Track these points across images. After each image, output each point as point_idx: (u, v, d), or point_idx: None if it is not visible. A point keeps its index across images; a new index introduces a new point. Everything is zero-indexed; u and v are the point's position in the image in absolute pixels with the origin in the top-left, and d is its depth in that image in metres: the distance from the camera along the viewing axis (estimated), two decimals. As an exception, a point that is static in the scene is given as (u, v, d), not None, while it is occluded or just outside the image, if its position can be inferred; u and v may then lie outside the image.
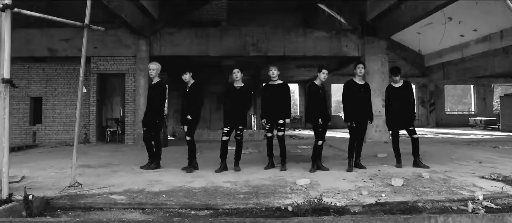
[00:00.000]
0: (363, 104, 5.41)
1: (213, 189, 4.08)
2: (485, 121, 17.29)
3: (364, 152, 6.28)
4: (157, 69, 5.57)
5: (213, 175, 4.92)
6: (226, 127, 5.28)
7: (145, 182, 4.38)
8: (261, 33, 10.08)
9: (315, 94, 5.31)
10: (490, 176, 4.58)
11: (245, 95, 5.36)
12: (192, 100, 5.29)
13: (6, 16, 3.17)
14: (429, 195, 3.66)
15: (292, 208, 3.21)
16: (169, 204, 3.42)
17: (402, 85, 5.63)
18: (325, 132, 5.32)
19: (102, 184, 4.26)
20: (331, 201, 3.38)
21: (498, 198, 3.51)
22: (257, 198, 3.66)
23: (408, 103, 5.58)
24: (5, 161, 3.12)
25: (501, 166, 5.48)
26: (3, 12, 3.13)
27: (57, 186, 4.11)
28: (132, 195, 3.72)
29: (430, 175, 4.69)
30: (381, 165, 5.69)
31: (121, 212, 3.23)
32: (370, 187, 4.09)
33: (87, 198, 3.56)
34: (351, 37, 10.05)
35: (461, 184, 4.20)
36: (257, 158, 6.64)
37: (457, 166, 5.56)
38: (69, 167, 5.66)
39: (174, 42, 9.85)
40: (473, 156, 6.73)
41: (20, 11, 3.29)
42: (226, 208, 3.33)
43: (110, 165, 5.83)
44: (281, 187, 4.15)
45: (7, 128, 3.20)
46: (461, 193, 3.75)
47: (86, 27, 4.03)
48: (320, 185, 4.23)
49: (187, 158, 5.33)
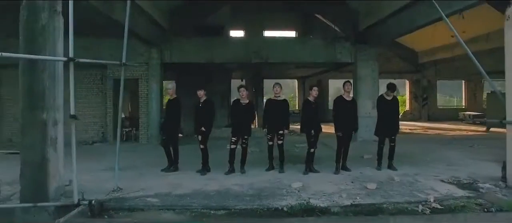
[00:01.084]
0: (349, 118, 6.42)
1: (225, 191, 5.14)
2: (474, 115, 18.33)
3: (353, 152, 7.31)
4: (173, 88, 6.58)
5: (223, 178, 5.97)
6: (234, 137, 6.31)
7: (170, 186, 5.43)
8: (262, 42, 11.04)
9: (308, 109, 6.34)
10: (448, 179, 5.63)
11: (250, 111, 6.38)
12: (206, 114, 6.31)
13: (71, 65, 4.15)
14: (394, 198, 4.71)
15: (287, 209, 4.27)
16: (193, 205, 4.48)
17: (392, 99, 6.65)
18: (316, 140, 6.36)
19: (136, 187, 5.30)
20: (317, 203, 4.44)
21: (445, 200, 4.56)
22: (260, 199, 4.72)
23: (395, 117, 6.64)
24: (74, 173, 4.16)
25: (464, 168, 6.53)
26: (70, 62, 4.11)
27: (101, 189, 5.14)
28: (162, 198, 4.77)
29: (400, 179, 5.74)
30: (364, 167, 6.73)
31: (158, 213, 4.29)
32: (349, 189, 5.15)
33: (129, 201, 4.62)
34: (345, 44, 10.96)
35: (423, 187, 5.25)
36: (258, 158, 7.58)
37: (427, 168, 6.62)
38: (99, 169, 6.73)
39: (183, 50, 10.78)
40: (446, 157, 7.78)
41: (79, 60, 4.27)
42: (237, 209, 4.39)
43: (135, 168, 6.86)
44: (278, 189, 5.20)
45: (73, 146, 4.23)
46: (419, 195, 4.80)
47: (123, 65, 5.00)
48: (311, 188, 5.28)
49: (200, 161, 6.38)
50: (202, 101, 6.42)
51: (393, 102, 6.69)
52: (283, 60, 10.97)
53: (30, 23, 4.37)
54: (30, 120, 4.38)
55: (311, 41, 11.01)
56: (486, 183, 5.28)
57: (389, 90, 6.61)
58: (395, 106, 6.77)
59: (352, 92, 6.86)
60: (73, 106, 4.26)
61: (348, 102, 6.47)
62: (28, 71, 4.36)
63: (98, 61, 4.86)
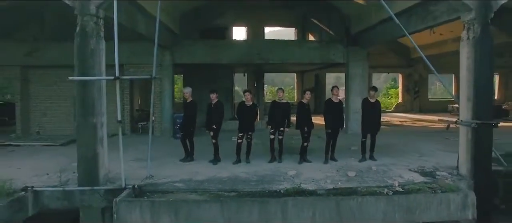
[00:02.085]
0: (337, 117, 7.67)
1: (235, 177, 6.43)
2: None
3: (342, 143, 8.61)
4: (189, 92, 7.81)
5: (232, 167, 7.26)
6: (240, 133, 7.58)
7: (190, 173, 6.71)
8: (264, 44, 12.18)
9: (302, 110, 7.59)
10: (415, 169, 6.91)
11: (253, 111, 7.63)
12: (217, 114, 7.56)
13: (117, 82, 5.39)
14: (367, 183, 6.01)
15: (283, 191, 5.57)
16: (211, 188, 5.78)
17: (375, 101, 7.87)
18: (309, 136, 7.63)
19: (162, 175, 6.59)
20: (307, 187, 5.73)
21: (406, 185, 5.85)
22: (263, 184, 6.02)
23: (377, 117, 7.86)
24: (122, 164, 5.44)
25: (432, 159, 7.81)
26: (116, 80, 5.34)
27: (134, 176, 6.39)
28: (186, 183, 6.07)
29: (377, 168, 7.03)
30: (349, 158, 8.00)
31: (185, 194, 5.58)
32: (334, 176, 6.44)
33: (161, 186, 5.91)
34: (338, 46, 12.11)
35: (393, 174, 6.54)
36: (260, 150, 8.85)
37: (402, 159, 7.89)
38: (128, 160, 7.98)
39: (192, 52, 11.94)
40: (421, 149, 9.05)
41: (121, 77, 5.49)
42: (245, 191, 5.69)
43: (157, 158, 8.09)
44: (277, 176, 6.49)
45: (121, 144, 5.50)
46: (388, 181, 6.09)
47: (154, 79, 6.22)
48: (303, 175, 6.57)
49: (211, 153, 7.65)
50: (214, 103, 7.67)
51: (376, 104, 7.91)
52: (282, 61, 12.14)
53: (82, 48, 5.58)
54: (83, 123, 5.64)
55: (307, 43, 12.18)
56: (443, 171, 6.57)
57: (371, 91, 7.84)
58: (377, 107, 7.97)
59: (343, 94, 8.10)
60: (119, 113, 5.50)
61: (336, 104, 7.71)
62: (82, 86, 5.59)
63: (135, 77, 6.02)
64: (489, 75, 6.09)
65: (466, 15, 6.07)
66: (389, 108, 22.58)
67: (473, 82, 6.00)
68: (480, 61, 5.95)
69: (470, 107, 6.07)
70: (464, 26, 6.22)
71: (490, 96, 6.28)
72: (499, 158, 6.83)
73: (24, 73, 12.12)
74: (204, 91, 12.55)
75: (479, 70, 5.96)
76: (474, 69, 5.97)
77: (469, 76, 6.05)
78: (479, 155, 5.94)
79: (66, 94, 12.52)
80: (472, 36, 5.99)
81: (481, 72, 5.95)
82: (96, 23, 5.66)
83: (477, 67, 5.95)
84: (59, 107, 12.49)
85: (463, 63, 6.25)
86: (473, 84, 6.00)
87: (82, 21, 5.58)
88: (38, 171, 6.91)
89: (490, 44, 5.98)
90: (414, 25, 8.23)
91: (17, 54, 11.64)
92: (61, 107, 12.36)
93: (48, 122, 12.44)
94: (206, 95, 7.82)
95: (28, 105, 12.37)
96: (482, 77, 5.96)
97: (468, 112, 6.12)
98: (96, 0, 5.56)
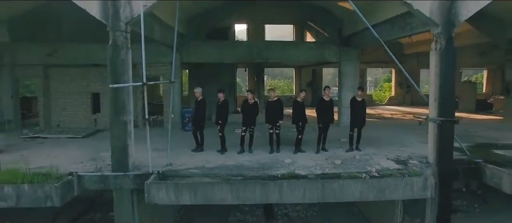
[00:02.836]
0: (327, 113, 8.88)
1: (240, 165, 7.68)
2: (450, 101, 20.74)
3: (334, 136, 9.84)
4: (199, 91, 9.00)
5: (237, 156, 8.49)
6: (244, 127, 8.80)
7: (202, 161, 7.96)
8: (264, 45, 13.31)
9: (297, 107, 8.81)
10: (392, 158, 8.16)
11: (255, 108, 8.83)
12: (223, 111, 8.77)
13: (145, 87, 6.58)
14: (350, 169, 7.25)
15: (280, 176, 6.82)
16: (221, 173, 7.02)
17: (362, 100, 9.07)
18: (303, 130, 8.85)
19: (179, 163, 7.82)
20: (299, 172, 6.98)
21: (382, 171, 7.09)
22: (263, 170, 7.26)
23: (363, 113, 9.06)
24: (149, 153, 6.67)
25: (410, 149, 9.05)
26: (144, 86, 6.54)
27: (156, 164, 7.61)
28: (200, 169, 7.31)
29: (360, 157, 8.28)
30: (338, 148, 9.24)
31: (200, 178, 6.83)
32: (323, 164, 7.69)
33: (179, 171, 7.15)
34: (332, 47, 13.25)
35: (373, 162, 7.78)
36: (261, 142, 10.05)
37: (383, 149, 9.13)
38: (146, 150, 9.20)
39: (198, 52, 13.08)
40: (403, 140, 10.28)
41: (148, 83, 6.68)
42: (249, 175, 6.93)
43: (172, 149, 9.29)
44: (275, 164, 7.74)
45: (148, 138, 6.72)
46: (367, 168, 7.33)
47: (172, 83, 7.40)
48: (297, 162, 7.82)
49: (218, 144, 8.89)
50: (221, 101, 8.88)
51: (362, 102, 9.10)
52: (280, 60, 13.31)
53: (114, 58, 6.75)
54: (116, 120, 6.85)
55: (304, 44, 13.31)
56: (415, 160, 7.82)
57: (359, 91, 9.04)
58: (363, 105, 9.15)
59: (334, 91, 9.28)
60: (146, 112, 6.70)
61: (327, 102, 8.92)
62: (114, 91, 6.76)
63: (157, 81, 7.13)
64: (452, 80, 7.25)
65: (434, 29, 7.21)
66: (382, 102, 23.80)
67: (439, 86, 7.18)
68: (445, 69, 7.12)
69: (436, 107, 7.27)
70: (433, 38, 7.37)
71: (453, 97, 7.45)
72: (463, 149, 8.10)
73: (45, 72, 13.29)
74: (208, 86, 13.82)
75: (444, 76, 7.13)
76: (440, 75, 7.14)
77: (436, 81, 7.23)
78: (443, 146, 7.16)
79: (83, 91, 13.75)
80: (439, 47, 7.15)
81: (446, 77, 7.13)
82: (125, 38, 6.81)
83: (442, 73, 7.13)
84: (77, 102, 13.70)
85: (432, 69, 7.42)
86: (439, 87, 7.18)
87: (113, 36, 6.74)
88: (73, 160, 8.16)
89: (453, 55, 7.14)
90: (396, 33, 9.40)
91: (39, 54, 12.80)
92: (78, 102, 13.58)
93: (67, 115, 13.66)
94: (210, 90, 9.06)
95: (49, 100, 13.58)
96: (446, 82, 7.14)
97: (434, 110, 7.31)
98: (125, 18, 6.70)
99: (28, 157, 7.95)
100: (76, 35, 13.90)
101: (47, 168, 6.81)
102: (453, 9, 6.96)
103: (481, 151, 9.07)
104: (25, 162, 6.83)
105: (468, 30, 15.23)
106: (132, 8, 6.66)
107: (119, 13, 6.65)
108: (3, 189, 5.97)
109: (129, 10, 6.66)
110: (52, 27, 13.18)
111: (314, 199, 6.41)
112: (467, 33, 15.28)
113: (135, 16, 6.72)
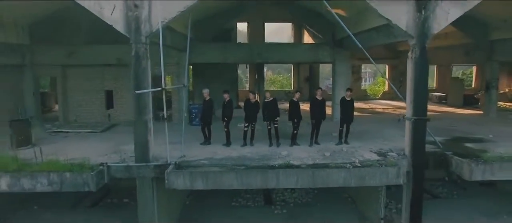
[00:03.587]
0: (319, 111, 10.12)
1: (243, 156, 8.95)
2: (439, 96, 22.00)
3: (326, 130, 11.07)
4: (207, 92, 10.23)
5: (240, 149, 9.76)
6: (246, 123, 10.05)
7: (210, 153, 9.22)
8: (264, 46, 14.48)
9: (293, 106, 10.04)
10: (375, 150, 9.42)
11: (256, 106, 10.06)
12: (228, 109, 10.01)
13: (163, 92, 7.80)
14: (337, 160, 8.51)
15: (277, 166, 8.09)
16: (227, 164, 8.29)
17: (350, 100, 10.28)
18: (298, 125, 10.10)
19: (190, 155, 9.08)
20: (294, 163, 8.25)
21: (364, 162, 8.36)
22: (263, 161, 8.53)
23: (351, 111, 10.28)
24: (167, 146, 7.92)
25: (392, 143, 10.30)
26: (163, 90, 7.75)
27: (172, 156, 8.87)
28: (209, 160, 8.57)
29: (347, 150, 9.54)
30: (329, 142, 10.49)
31: (209, 168, 8.09)
32: (314, 156, 8.95)
33: (192, 162, 8.41)
34: (326, 48, 14.41)
35: (357, 154, 9.04)
36: (261, 136, 11.32)
37: (369, 142, 10.39)
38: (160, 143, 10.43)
39: (204, 53, 14.24)
40: (388, 134, 11.53)
41: (166, 88, 7.88)
42: (251, 165, 8.20)
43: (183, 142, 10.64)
44: (274, 155, 9.00)
45: (167, 134, 7.96)
46: (352, 159, 8.59)
47: (184, 86, 8.61)
48: (292, 154, 9.08)
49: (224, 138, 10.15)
50: (226, 101, 10.10)
51: (351, 102, 10.32)
52: (279, 60, 14.51)
53: (137, 67, 7.93)
54: (139, 120, 8.06)
55: (300, 45, 14.48)
56: (394, 152, 9.08)
57: (348, 92, 10.26)
58: (352, 104, 10.38)
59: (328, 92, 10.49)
60: (165, 112, 7.93)
61: (319, 101, 10.15)
62: (137, 95, 7.96)
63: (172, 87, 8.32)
64: (425, 84, 8.44)
65: (410, 40, 8.39)
66: (376, 96, 24.99)
67: (413, 89, 8.39)
68: (418, 75, 8.31)
69: (411, 107, 8.49)
70: (410, 48, 8.54)
71: (425, 100, 8.63)
72: (437, 142, 9.35)
73: (63, 71, 14.48)
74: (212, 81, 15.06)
75: (418, 81, 8.33)
76: (414, 80, 8.34)
77: (411, 85, 8.44)
78: (416, 141, 8.39)
79: (97, 88, 14.96)
80: (414, 56, 8.34)
81: (419, 83, 8.33)
82: (145, 49, 7.99)
83: (416, 78, 8.33)
84: (92, 99, 14.93)
85: (408, 75, 8.61)
86: (413, 90, 8.39)
87: (136, 48, 7.91)
88: (98, 152, 9.42)
89: (426, 63, 8.33)
90: (382, 39, 10.60)
91: (58, 55, 13.96)
92: (93, 99, 14.82)
93: (83, 111, 14.89)
94: (214, 86, 10.17)
95: (67, 97, 14.80)
96: (419, 86, 8.34)
97: (410, 110, 8.53)
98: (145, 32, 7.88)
99: (59, 150, 9.22)
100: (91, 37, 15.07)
101: (79, 159, 8.10)
102: (426, 24, 8.12)
103: (455, 144, 10.35)
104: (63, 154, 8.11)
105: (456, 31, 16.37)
106: (151, 24, 7.82)
107: (140, 29, 7.81)
108: (49, 176, 7.25)
109: (149, 26, 7.82)
110: (69, 30, 14.32)
111: (305, 185, 7.70)
112: (455, 33, 16.38)
113: (153, 31, 7.88)
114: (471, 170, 7.70)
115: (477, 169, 7.67)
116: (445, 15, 8.14)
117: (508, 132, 11.80)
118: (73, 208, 11.18)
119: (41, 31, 13.78)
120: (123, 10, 7.75)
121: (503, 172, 7.81)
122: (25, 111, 13.62)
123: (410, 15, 8.10)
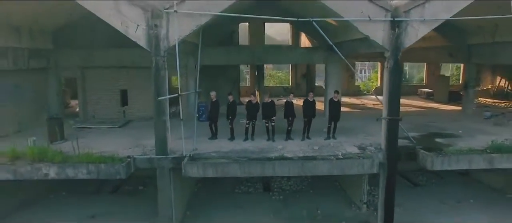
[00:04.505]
0: (311, 110, 11.76)
1: (245, 149, 10.62)
2: (427, 92, 23.57)
3: (318, 126, 12.72)
4: (214, 94, 11.85)
5: (243, 143, 11.41)
6: (248, 120, 11.71)
7: (217, 147, 10.89)
8: (263, 49, 16.03)
9: (288, 105, 11.69)
10: (357, 145, 11.08)
11: (257, 107, 11.70)
12: (232, 109, 11.65)
13: (180, 97, 9.44)
14: (323, 153, 10.18)
15: (273, 158, 9.77)
16: (232, 156, 9.97)
17: (337, 101, 11.90)
18: (292, 123, 11.76)
19: (201, 148, 10.75)
20: (287, 155, 9.92)
21: (346, 154, 10.02)
22: (262, 153, 10.20)
23: (338, 111, 11.91)
24: (183, 141, 9.59)
25: (374, 138, 11.88)
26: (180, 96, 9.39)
27: (186, 149, 10.53)
28: (217, 153, 10.24)
29: (334, 144, 11.20)
30: (319, 137, 12.14)
31: (218, 159, 9.77)
32: (305, 149, 10.62)
33: (202, 155, 10.09)
34: (320, 51, 15.96)
35: (342, 148, 10.71)
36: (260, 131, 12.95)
37: (353, 137, 12.04)
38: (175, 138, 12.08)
39: (209, 56, 15.76)
40: (372, 130, 13.13)
41: (181, 94, 9.51)
42: (252, 157, 9.87)
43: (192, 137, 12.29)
44: (271, 149, 10.67)
45: (182, 130, 9.62)
46: (336, 152, 10.25)
47: (197, 92, 10.24)
48: (287, 148, 10.74)
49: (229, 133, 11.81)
50: (231, 102, 11.73)
51: (338, 103, 11.95)
52: (277, 62, 16.09)
53: (157, 76, 9.52)
54: (158, 120, 9.70)
55: (297, 49, 16.00)
56: (373, 147, 10.72)
57: (335, 94, 11.90)
58: (339, 104, 12.02)
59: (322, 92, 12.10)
60: (181, 114, 9.58)
61: (310, 102, 11.78)
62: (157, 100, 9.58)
63: (185, 92, 9.95)
64: (398, 90, 10.02)
65: (385, 52, 9.96)
66: (369, 91, 26.54)
67: (388, 94, 9.99)
68: (392, 82, 9.91)
69: (386, 108, 10.11)
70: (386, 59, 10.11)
71: (398, 103, 10.18)
72: (409, 138, 11.01)
73: (83, 72, 16.08)
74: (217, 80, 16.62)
75: (392, 87, 9.92)
76: (389, 86, 9.94)
77: (386, 91, 10.04)
78: (390, 136, 10.03)
79: (113, 88, 16.58)
80: (389, 66, 9.92)
81: (393, 89, 9.93)
82: (163, 61, 9.57)
83: (390, 85, 9.92)
84: (108, 98, 16.55)
85: (385, 82, 10.21)
86: (388, 95, 10.00)
87: (155, 60, 9.50)
88: (121, 146, 11.09)
89: (399, 72, 9.93)
90: (364, 48, 12.15)
91: (77, 58, 15.55)
92: (109, 98, 16.45)
93: (100, 108, 16.52)
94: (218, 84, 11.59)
95: (86, 96, 16.43)
96: (393, 92, 9.94)
97: (385, 111, 10.16)
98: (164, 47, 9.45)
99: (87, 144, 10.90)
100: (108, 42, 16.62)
101: (108, 152, 9.79)
102: (399, 40, 9.68)
103: (427, 139, 12.02)
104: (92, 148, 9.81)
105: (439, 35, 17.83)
106: (169, 40, 9.40)
107: (159, 44, 9.39)
108: (88, 166, 8.94)
109: (167, 42, 9.40)
110: (88, 36, 15.87)
111: (296, 173, 9.45)
112: (438, 36, 17.87)
113: (171, 46, 9.46)
114: (432, 161, 9.37)
115: (437, 161, 9.34)
116: (415, 32, 9.70)
117: (476, 128, 13.44)
118: (96, 193, 12.97)
119: (63, 36, 15.32)
120: (145, 29, 9.31)
121: (459, 163, 9.49)
122: (50, 109, 15.27)
123: (385, 32, 9.66)
